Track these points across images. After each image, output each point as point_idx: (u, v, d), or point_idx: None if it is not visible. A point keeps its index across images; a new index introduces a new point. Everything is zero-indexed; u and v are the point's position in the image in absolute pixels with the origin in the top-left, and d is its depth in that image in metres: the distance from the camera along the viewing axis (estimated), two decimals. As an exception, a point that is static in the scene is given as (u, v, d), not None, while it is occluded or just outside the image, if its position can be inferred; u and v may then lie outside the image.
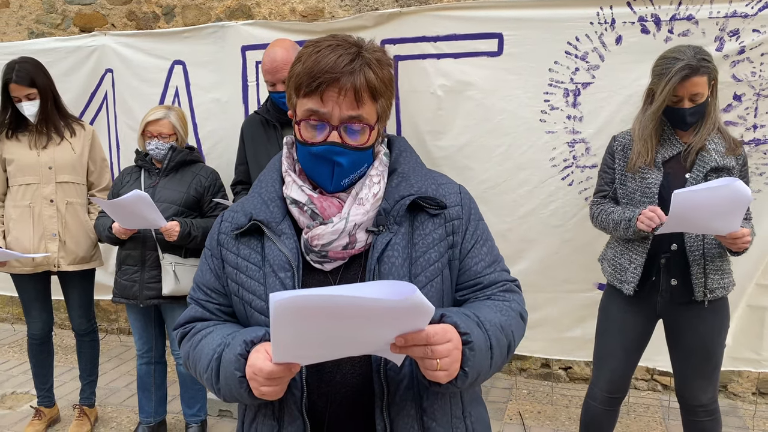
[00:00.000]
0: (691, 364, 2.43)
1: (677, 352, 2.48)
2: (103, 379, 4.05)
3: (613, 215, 2.41)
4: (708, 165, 2.27)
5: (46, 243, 3.11)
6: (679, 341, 2.45)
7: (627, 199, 2.43)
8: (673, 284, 2.35)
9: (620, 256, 2.45)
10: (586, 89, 2.93)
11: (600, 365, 2.57)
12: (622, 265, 2.44)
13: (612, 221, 2.41)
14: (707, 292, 2.31)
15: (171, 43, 3.71)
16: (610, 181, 2.50)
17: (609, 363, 2.52)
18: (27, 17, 4.74)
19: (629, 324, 2.48)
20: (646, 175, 2.35)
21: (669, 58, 2.28)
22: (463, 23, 3.03)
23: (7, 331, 5.08)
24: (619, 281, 2.45)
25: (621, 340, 2.49)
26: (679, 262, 2.34)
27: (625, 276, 2.41)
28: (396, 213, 1.24)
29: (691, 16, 2.73)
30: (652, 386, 3.78)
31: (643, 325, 2.48)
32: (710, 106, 2.31)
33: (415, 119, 3.24)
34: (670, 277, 2.35)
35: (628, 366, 2.53)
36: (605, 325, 2.56)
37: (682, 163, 2.34)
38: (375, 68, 1.20)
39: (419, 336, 1.02)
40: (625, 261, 2.43)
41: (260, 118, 2.93)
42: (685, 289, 2.34)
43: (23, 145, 3.10)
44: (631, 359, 2.53)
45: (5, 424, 3.59)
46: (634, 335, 2.48)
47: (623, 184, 2.44)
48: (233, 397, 1.17)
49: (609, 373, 2.52)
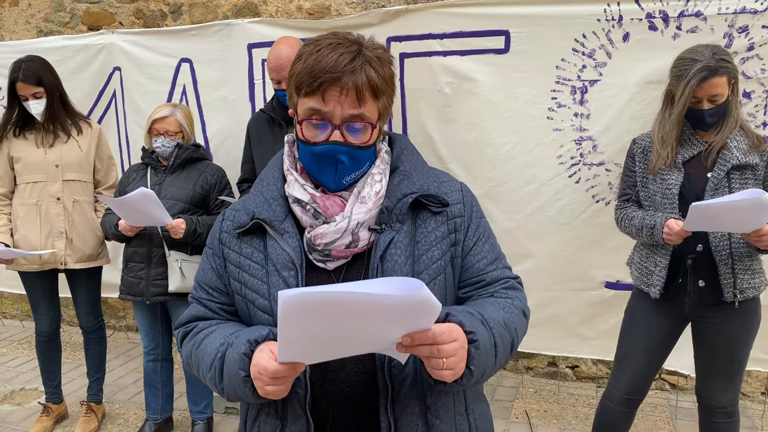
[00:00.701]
0: (713, 364, 2.39)
1: (701, 351, 2.44)
2: (111, 376, 4.07)
3: (635, 221, 2.38)
4: (729, 163, 2.23)
5: (53, 241, 3.13)
6: (705, 340, 2.41)
7: (649, 202, 2.40)
8: (701, 285, 2.30)
9: (646, 260, 2.42)
10: (594, 86, 2.91)
11: (621, 366, 2.52)
12: (647, 269, 2.40)
13: (634, 227, 2.38)
14: (737, 292, 2.26)
15: (178, 41, 3.72)
16: (633, 184, 2.47)
17: (631, 364, 2.48)
18: (36, 15, 4.77)
19: (654, 326, 2.43)
20: (666, 177, 2.31)
21: (687, 59, 2.24)
22: (469, 20, 3.01)
23: (17, 327, 5.12)
24: (645, 284, 2.41)
25: (644, 342, 2.44)
26: (705, 262, 2.28)
27: (651, 279, 2.37)
28: (398, 211, 1.24)
29: (700, 12, 2.71)
30: (660, 385, 3.75)
31: (669, 327, 2.43)
32: (731, 105, 2.27)
33: (422, 117, 3.23)
34: (697, 278, 2.31)
35: (650, 368, 2.49)
36: (630, 326, 2.51)
37: (703, 163, 2.29)
38: (376, 66, 1.19)
39: (426, 335, 1.02)
40: (650, 264, 2.39)
41: (266, 116, 2.93)
42: (713, 291, 2.29)
43: (30, 143, 3.12)
44: (654, 362, 2.49)
45: (14, 420, 3.61)
46: (658, 337, 2.44)
47: (645, 187, 2.41)
48: (237, 396, 1.17)
49: (630, 375, 2.48)
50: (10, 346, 4.78)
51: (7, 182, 3.15)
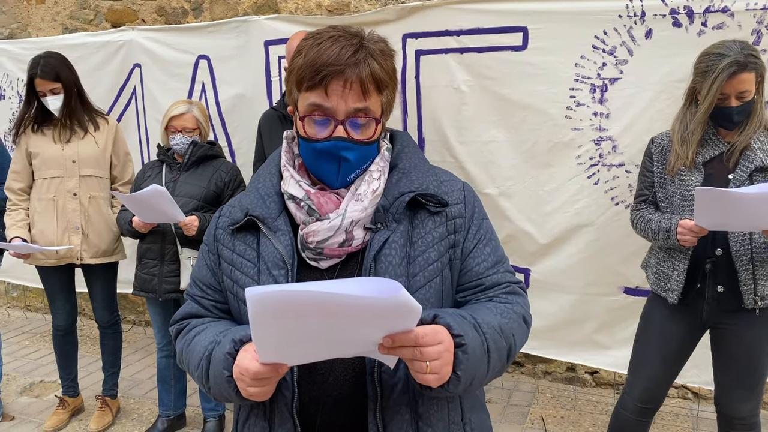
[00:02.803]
0: (733, 374, 2.30)
1: (720, 359, 2.35)
2: (128, 371, 4.11)
3: (651, 224, 2.29)
4: (753, 164, 2.14)
5: (69, 236, 3.15)
6: (723, 349, 2.32)
7: (667, 203, 2.31)
8: (720, 291, 2.21)
9: (663, 264, 2.33)
10: (614, 85, 2.83)
11: (636, 373, 2.45)
12: (665, 273, 2.31)
13: (650, 230, 2.30)
14: (758, 299, 2.16)
15: (196, 38, 3.73)
16: (650, 184, 2.38)
17: (646, 371, 2.40)
18: (61, 13, 4.84)
19: (671, 332, 2.34)
20: (686, 178, 2.22)
21: (714, 54, 2.14)
22: (486, 16, 2.95)
23: (39, 320, 5.21)
24: (662, 289, 2.32)
25: (662, 350, 2.36)
26: (725, 267, 2.19)
27: (669, 284, 2.29)
28: (395, 210, 1.20)
29: (727, 8, 2.60)
30: (683, 394, 3.64)
31: (687, 334, 2.35)
32: (757, 104, 2.17)
33: (438, 115, 3.18)
34: (717, 283, 2.21)
35: (667, 376, 2.41)
36: (645, 332, 2.43)
37: (724, 164, 2.20)
38: (379, 59, 1.16)
39: (407, 337, 0.98)
40: (668, 268, 2.30)
41: (277, 114, 2.91)
42: (733, 297, 2.20)
43: (48, 138, 3.15)
44: (671, 370, 2.40)
45: (32, 412, 3.67)
46: (675, 344, 2.35)
47: (663, 188, 2.32)
48: (222, 396, 1.15)
49: (645, 382, 2.40)
50: (32, 339, 4.86)
51: (25, 177, 3.19)
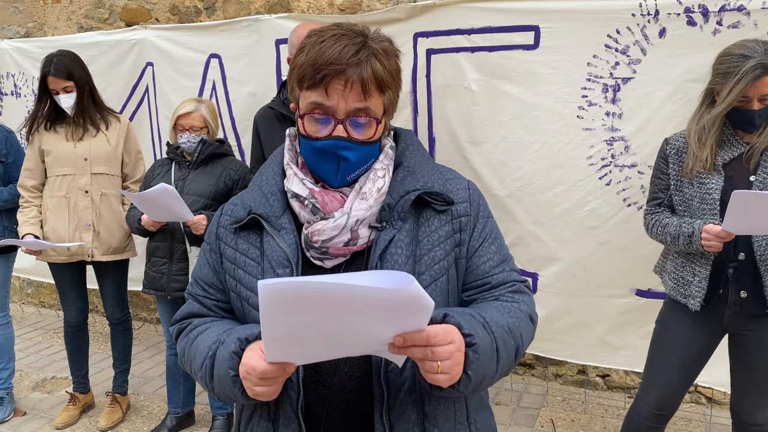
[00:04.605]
0: (753, 380, 2.25)
1: (739, 365, 2.30)
2: (139, 368, 4.13)
3: (669, 228, 2.23)
4: None
5: (80, 233, 3.18)
6: (744, 354, 2.27)
7: (684, 206, 2.25)
8: (743, 296, 2.16)
9: (682, 269, 2.27)
10: (627, 85, 2.79)
11: (652, 380, 2.39)
12: (685, 279, 2.25)
13: (669, 235, 2.23)
14: None
15: (207, 37, 3.74)
16: (665, 187, 2.32)
17: (663, 379, 2.34)
18: (77, 12, 4.88)
19: (691, 340, 2.29)
20: (705, 180, 2.16)
21: (736, 56, 2.08)
22: (498, 15, 2.93)
23: (53, 317, 5.26)
24: (683, 296, 2.25)
25: (680, 357, 2.31)
26: (748, 272, 2.14)
27: (690, 290, 2.23)
28: (400, 208, 1.19)
29: (743, 6, 2.56)
30: (696, 398, 3.59)
31: (706, 341, 2.30)
32: None
33: (448, 114, 3.16)
34: (740, 288, 2.16)
35: (684, 383, 2.36)
36: (663, 338, 2.37)
37: (744, 165, 2.15)
38: (382, 59, 1.15)
39: (419, 336, 0.97)
40: (687, 274, 2.24)
41: (274, 113, 2.83)
42: (756, 302, 2.15)
43: (60, 136, 3.18)
44: (689, 377, 2.35)
45: (43, 407, 3.69)
46: (694, 352, 2.30)
47: (679, 191, 2.26)
48: (227, 396, 1.14)
49: (662, 390, 2.35)
50: (45, 335, 4.91)
51: (37, 175, 3.22)
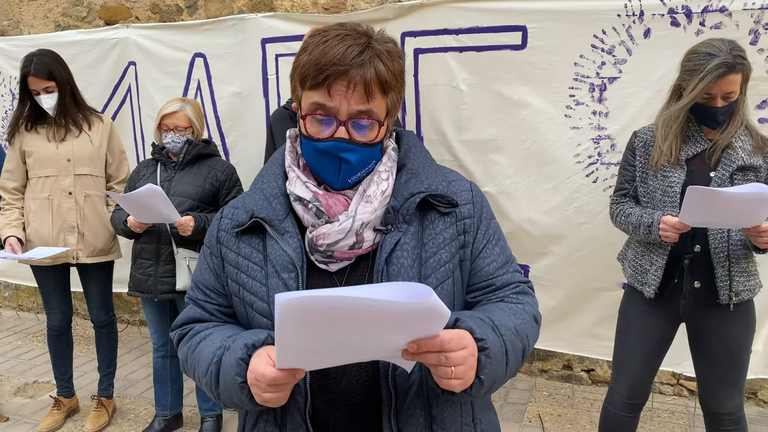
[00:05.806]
0: (715, 371, 2.34)
1: (701, 358, 2.39)
2: (123, 371, 4.08)
3: (632, 218, 2.31)
4: (734, 163, 2.16)
5: (65, 235, 3.12)
6: (703, 346, 2.36)
7: (647, 198, 2.33)
8: (697, 287, 2.25)
9: (641, 258, 2.36)
10: (613, 84, 2.84)
11: (620, 370, 2.48)
12: (642, 267, 2.35)
13: (631, 224, 2.32)
14: (732, 295, 2.21)
15: (191, 36, 3.71)
16: (631, 178, 2.40)
17: (629, 367, 2.44)
18: (54, 10, 4.79)
19: (651, 327, 2.38)
20: (669, 174, 2.24)
21: (702, 54, 2.14)
22: (486, 15, 2.95)
23: (32, 320, 5.16)
24: (640, 283, 2.36)
25: (642, 344, 2.40)
26: (702, 263, 2.23)
27: (646, 278, 2.32)
28: (405, 211, 1.19)
29: (725, 8, 2.62)
30: (678, 391, 3.66)
31: (665, 328, 2.39)
32: (740, 103, 2.19)
33: (437, 114, 3.18)
34: (694, 279, 2.26)
35: (649, 371, 2.44)
36: (625, 327, 2.47)
37: (706, 161, 2.22)
38: (386, 60, 1.14)
39: (433, 342, 0.96)
40: (646, 262, 2.34)
41: (288, 113, 2.85)
42: (709, 292, 2.24)
43: (42, 137, 3.12)
44: (652, 364, 2.44)
45: (26, 413, 3.63)
46: (655, 339, 2.39)
47: (644, 183, 2.34)
48: (233, 402, 1.13)
49: (630, 378, 2.44)
50: (25, 339, 4.82)
51: (19, 176, 3.16)
